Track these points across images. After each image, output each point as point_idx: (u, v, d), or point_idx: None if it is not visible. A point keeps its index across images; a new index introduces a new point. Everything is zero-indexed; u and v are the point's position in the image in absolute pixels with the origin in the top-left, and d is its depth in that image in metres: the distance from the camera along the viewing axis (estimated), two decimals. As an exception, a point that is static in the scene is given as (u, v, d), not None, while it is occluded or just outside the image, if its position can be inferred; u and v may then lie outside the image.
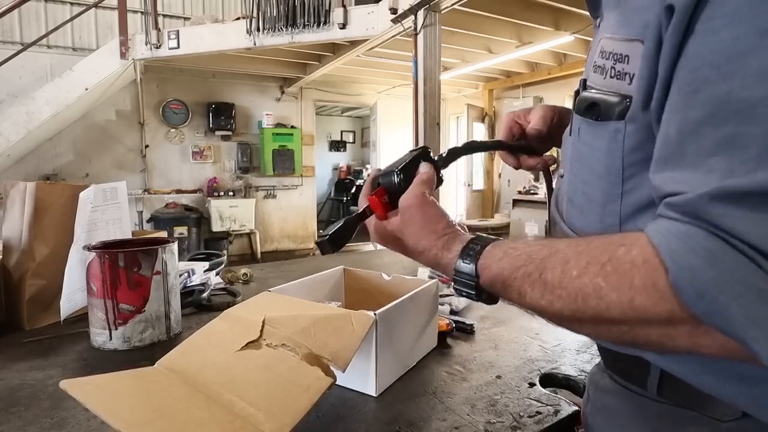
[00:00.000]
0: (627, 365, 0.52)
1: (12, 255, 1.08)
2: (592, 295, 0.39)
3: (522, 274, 0.44)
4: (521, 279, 0.44)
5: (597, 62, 0.49)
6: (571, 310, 0.41)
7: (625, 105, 0.45)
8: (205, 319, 1.02)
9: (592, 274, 0.39)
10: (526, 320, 1.11)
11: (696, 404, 0.46)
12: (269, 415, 0.55)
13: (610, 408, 0.57)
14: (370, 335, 0.72)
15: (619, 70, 0.46)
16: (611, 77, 0.47)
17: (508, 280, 0.46)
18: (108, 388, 0.59)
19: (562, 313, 0.42)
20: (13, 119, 4.59)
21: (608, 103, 0.47)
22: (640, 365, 0.49)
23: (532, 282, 0.43)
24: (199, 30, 4.82)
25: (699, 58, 0.37)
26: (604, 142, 0.48)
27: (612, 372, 0.57)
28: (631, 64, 0.44)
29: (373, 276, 1.03)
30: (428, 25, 3.61)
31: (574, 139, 0.54)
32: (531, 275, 0.44)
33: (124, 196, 1.19)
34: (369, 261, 1.90)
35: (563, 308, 0.41)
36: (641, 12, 0.42)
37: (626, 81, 0.45)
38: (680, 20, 0.37)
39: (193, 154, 6.49)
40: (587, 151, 0.51)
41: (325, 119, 10.41)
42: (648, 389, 0.49)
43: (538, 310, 0.45)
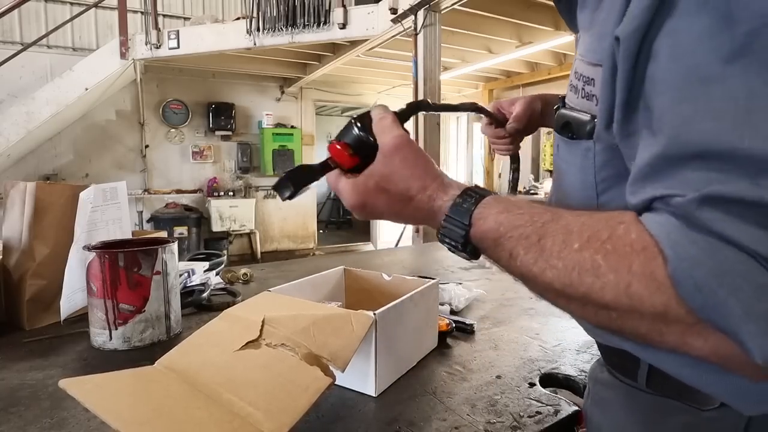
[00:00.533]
0: (621, 359, 0.53)
1: (12, 255, 1.08)
2: (589, 271, 0.37)
3: (519, 234, 0.42)
4: (517, 239, 0.42)
5: (572, 82, 0.50)
6: (562, 284, 0.39)
7: (594, 124, 0.46)
8: (205, 319, 1.02)
9: (593, 250, 0.37)
10: (526, 320, 1.11)
11: (680, 394, 0.47)
12: (268, 415, 0.55)
13: (606, 400, 0.59)
14: (370, 335, 0.72)
15: (588, 91, 0.47)
16: (582, 98, 0.48)
17: (503, 237, 0.43)
18: (107, 388, 0.59)
19: (551, 285, 0.40)
20: (13, 119, 4.60)
21: (580, 121, 0.49)
22: (631, 359, 0.50)
23: (528, 245, 0.41)
24: (199, 30, 4.82)
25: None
26: (578, 159, 0.49)
27: (608, 366, 0.58)
28: (596, 87, 0.45)
29: (373, 276, 1.03)
30: (428, 25, 3.61)
31: (555, 154, 0.56)
32: (529, 238, 0.41)
33: (124, 196, 1.19)
34: (369, 261, 1.90)
35: (554, 280, 0.39)
36: (603, 38, 0.42)
37: (594, 102, 0.46)
38: (626, 48, 0.38)
39: (193, 154, 6.49)
40: (565, 167, 0.53)
41: (325, 119, 10.40)
42: (638, 381, 0.51)
43: (526, 277, 0.42)
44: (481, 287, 1.33)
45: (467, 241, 0.46)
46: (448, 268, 1.67)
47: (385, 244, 7.57)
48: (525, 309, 1.19)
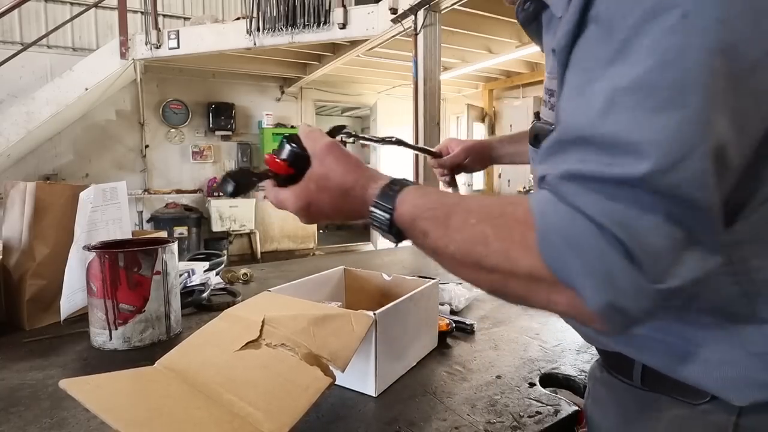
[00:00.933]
0: (617, 360, 0.57)
1: (12, 255, 1.08)
2: (480, 242, 0.43)
3: (431, 215, 0.48)
4: (429, 219, 0.48)
5: (543, 97, 0.57)
6: (461, 254, 0.45)
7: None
8: (205, 319, 1.02)
9: (485, 224, 0.44)
10: (526, 320, 1.11)
11: (672, 390, 0.50)
12: (268, 415, 0.55)
13: (604, 398, 0.62)
14: (370, 335, 0.72)
15: (552, 103, 0.52)
16: (549, 109, 0.54)
17: (418, 218, 0.49)
18: (107, 388, 0.59)
19: (453, 256, 0.46)
20: (13, 119, 4.59)
21: (545, 131, 0.53)
22: (626, 359, 0.54)
23: (437, 224, 0.47)
24: (199, 30, 4.82)
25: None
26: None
27: (605, 366, 0.62)
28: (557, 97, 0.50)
29: (373, 276, 1.03)
30: (428, 25, 3.61)
31: (532, 168, 0.60)
32: (438, 218, 0.47)
33: (124, 196, 1.19)
34: (369, 261, 1.90)
35: (456, 251, 0.45)
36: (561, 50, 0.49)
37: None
38: (559, 60, 0.45)
39: (193, 154, 6.49)
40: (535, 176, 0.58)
41: (325, 119, 10.40)
42: (634, 379, 0.54)
43: (435, 251, 0.48)
44: (481, 287, 1.33)
45: (392, 223, 0.51)
46: (448, 268, 1.67)
47: (385, 244, 7.56)
48: (525, 309, 1.19)
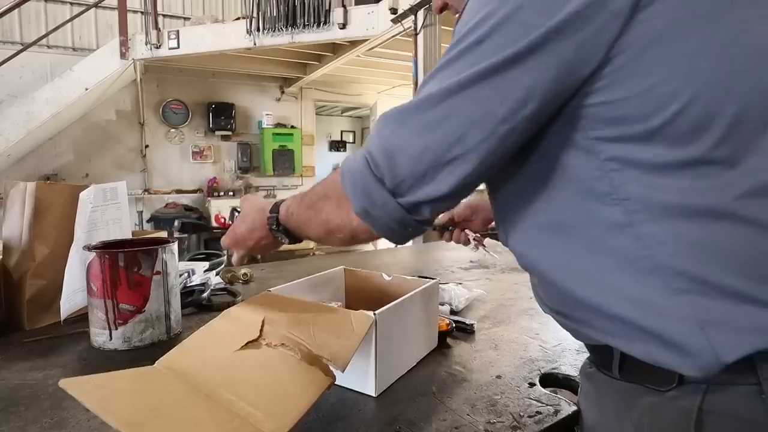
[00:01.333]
0: (598, 353, 0.61)
1: (12, 255, 1.08)
2: (321, 198, 0.65)
3: (295, 202, 0.70)
4: (295, 205, 0.70)
5: None
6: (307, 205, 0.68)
7: None
8: (205, 319, 1.01)
9: (320, 187, 0.66)
10: (526, 320, 1.11)
11: (645, 379, 0.54)
12: (268, 415, 0.55)
13: (589, 392, 0.66)
14: (370, 335, 0.72)
15: None
16: None
17: (290, 209, 0.71)
18: (107, 387, 0.59)
19: (312, 226, 0.67)
20: (13, 119, 4.59)
21: None
22: (606, 352, 0.58)
23: (299, 206, 0.69)
24: (199, 30, 4.82)
25: None
26: None
27: (591, 361, 0.66)
28: None
29: (373, 276, 1.03)
30: (428, 25, 3.61)
31: None
32: (299, 203, 0.69)
33: (124, 196, 1.19)
34: (369, 261, 1.90)
35: (312, 218, 0.66)
36: None
37: None
38: None
39: (193, 154, 6.48)
40: None
41: (325, 119, 10.40)
42: (613, 371, 0.58)
43: (302, 225, 0.69)
44: (481, 287, 1.33)
45: (278, 222, 0.73)
46: (448, 268, 1.67)
47: (385, 244, 7.56)
48: (525, 309, 1.19)
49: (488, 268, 1.66)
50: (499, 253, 1.25)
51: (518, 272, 1.59)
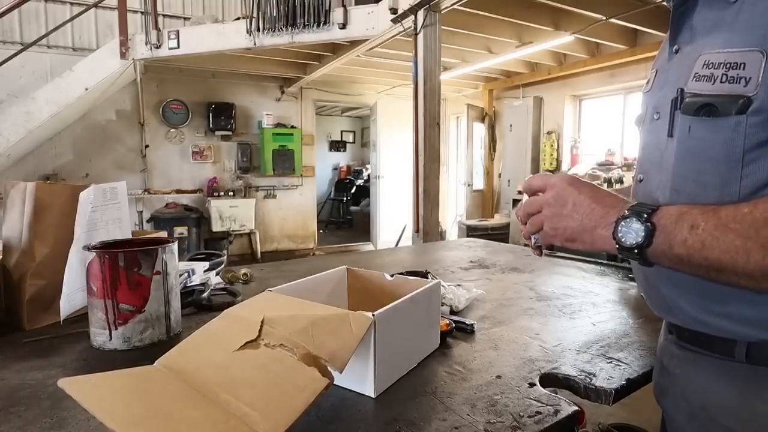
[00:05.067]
0: (708, 338, 0.64)
1: (12, 255, 1.08)
2: (763, 225, 0.50)
3: (700, 209, 0.55)
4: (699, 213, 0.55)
5: (701, 72, 0.60)
6: (744, 238, 0.50)
7: (742, 103, 0.55)
8: (205, 319, 1.01)
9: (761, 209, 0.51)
10: (526, 320, 1.11)
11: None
12: (264, 415, 0.55)
13: (690, 374, 0.68)
14: (369, 336, 0.72)
15: (732, 75, 0.56)
16: (722, 82, 0.57)
17: (686, 213, 0.56)
18: (105, 387, 0.59)
19: (733, 243, 0.51)
20: (13, 119, 4.59)
21: (724, 102, 0.57)
22: (724, 338, 0.61)
23: (708, 214, 0.54)
24: (199, 30, 4.82)
25: None
26: (724, 134, 0.57)
27: (689, 344, 0.68)
28: (748, 70, 0.55)
29: (375, 276, 1.03)
30: (428, 25, 3.61)
31: (681, 137, 0.63)
32: (707, 211, 0.54)
33: (124, 196, 1.19)
34: (369, 261, 1.90)
35: (736, 238, 0.51)
36: (754, 29, 0.55)
37: (741, 84, 0.56)
38: None
39: (193, 154, 6.49)
40: (701, 145, 0.61)
41: (325, 119, 10.41)
42: (736, 357, 0.61)
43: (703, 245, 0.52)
44: (481, 287, 1.33)
45: (649, 218, 0.56)
46: (448, 268, 1.67)
47: (385, 244, 7.57)
48: (525, 309, 1.19)
49: (488, 268, 1.66)
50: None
51: (518, 272, 1.59)
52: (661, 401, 0.75)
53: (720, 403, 0.64)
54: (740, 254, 0.50)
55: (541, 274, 1.57)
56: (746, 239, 0.50)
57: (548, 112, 6.43)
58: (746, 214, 0.51)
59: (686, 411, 0.69)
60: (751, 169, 0.56)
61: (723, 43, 0.59)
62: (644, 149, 0.73)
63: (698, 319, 0.65)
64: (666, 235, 0.55)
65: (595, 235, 0.61)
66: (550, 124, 6.39)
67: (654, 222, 0.56)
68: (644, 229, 0.56)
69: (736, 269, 0.51)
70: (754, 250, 0.49)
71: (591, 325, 1.07)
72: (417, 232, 3.83)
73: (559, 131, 6.27)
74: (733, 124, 0.56)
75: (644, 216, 0.56)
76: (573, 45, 5.06)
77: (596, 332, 1.03)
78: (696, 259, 0.53)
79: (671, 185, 0.65)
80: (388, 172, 7.84)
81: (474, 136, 7.30)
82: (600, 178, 5.28)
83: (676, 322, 0.70)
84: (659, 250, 0.56)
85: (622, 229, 0.57)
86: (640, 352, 0.92)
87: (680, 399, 0.70)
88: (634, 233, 0.56)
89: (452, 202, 8.21)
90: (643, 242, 0.56)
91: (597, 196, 0.63)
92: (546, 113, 6.46)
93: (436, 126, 3.76)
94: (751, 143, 0.56)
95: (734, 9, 0.58)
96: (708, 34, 0.62)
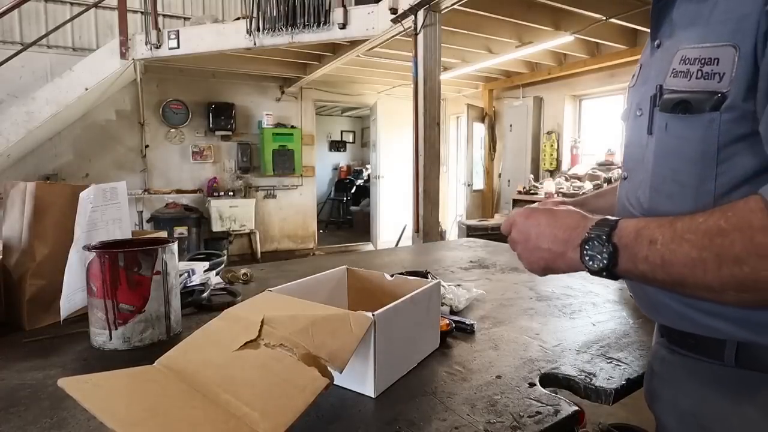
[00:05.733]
0: (698, 340, 0.63)
1: (12, 255, 1.08)
2: (717, 233, 0.48)
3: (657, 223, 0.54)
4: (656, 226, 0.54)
5: (678, 68, 0.59)
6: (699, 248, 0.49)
7: (716, 99, 0.54)
8: (205, 319, 1.01)
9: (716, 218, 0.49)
10: (526, 320, 1.11)
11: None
12: (264, 415, 0.55)
13: (680, 379, 0.67)
14: (369, 336, 0.72)
15: (707, 71, 0.55)
16: (697, 78, 0.56)
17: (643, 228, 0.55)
18: (104, 387, 0.59)
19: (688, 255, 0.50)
20: (13, 119, 4.59)
21: (699, 99, 0.56)
22: (713, 340, 0.60)
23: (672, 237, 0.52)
24: (199, 30, 4.82)
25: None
26: (699, 131, 0.57)
27: (679, 347, 0.67)
28: (722, 65, 0.54)
29: (375, 276, 1.03)
30: (428, 25, 3.61)
31: (658, 135, 0.63)
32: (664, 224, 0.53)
33: (124, 196, 1.19)
34: (369, 261, 1.90)
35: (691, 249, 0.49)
36: (728, 23, 0.54)
37: (715, 80, 0.54)
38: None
39: (193, 154, 6.49)
40: (677, 142, 0.60)
41: (325, 119, 10.41)
42: (725, 360, 0.59)
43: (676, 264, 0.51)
44: (481, 287, 1.33)
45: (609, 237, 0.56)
46: (448, 268, 1.67)
47: (385, 244, 7.57)
48: (525, 309, 1.19)
49: (488, 268, 1.66)
50: None
51: (518, 272, 1.59)
52: (652, 406, 0.74)
53: (710, 409, 0.63)
54: (698, 266, 0.49)
55: (541, 274, 1.57)
56: (701, 249, 0.49)
57: (548, 112, 6.43)
58: (700, 223, 0.49)
59: (677, 417, 0.68)
60: (726, 166, 0.55)
61: (698, 38, 0.57)
62: (628, 147, 0.73)
63: (684, 315, 0.63)
64: (628, 253, 0.54)
65: (567, 259, 0.61)
66: (550, 124, 6.39)
67: (615, 242, 0.55)
68: (607, 252, 0.55)
69: (696, 282, 0.50)
70: (709, 261, 0.48)
71: (591, 325, 1.07)
72: (417, 232, 3.83)
73: (559, 131, 6.27)
74: (707, 121, 0.55)
75: (603, 238, 0.56)
76: (573, 45, 5.06)
77: (596, 332, 1.03)
78: (659, 275, 0.52)
79: (650, 184, 0.64)
80: (388, 172, 7.84)
81: (474, 136, 7.29)
82: (600, 177, 5.28)
83: (663, 321, 0.69)
84: (624, 269, 0.55)
85: (587, 252, 0.57)
86: (640, 352, 0.92)
87: (671, 405, 0.69)
88: (599, 256, 0.56)
89: (452, 202, 8.21)
90: (608, 265, 0.55)
91: (556, 222, 0.63)
92: (546, 113, 6.45)
93: (436, 126, 3.76)
94: (725, 140, 0.55)
95: (711, 2, 0.57)
96: (686, 28, 0.61)
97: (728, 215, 0.48)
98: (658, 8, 0.67)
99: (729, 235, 0.47)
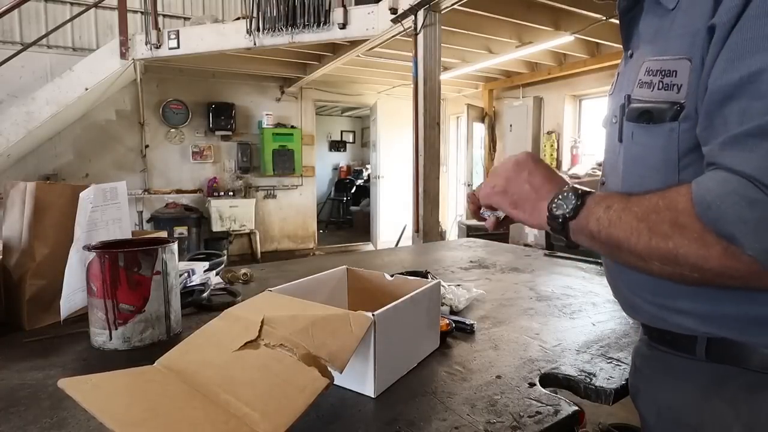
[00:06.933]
0: (674, 337, 0.65)
1: (12, 255, 1.08)
2: (653, 210, 0.53)
3: (616, 199, 0.59)
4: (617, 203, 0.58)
5: (643, 79, 0.62)
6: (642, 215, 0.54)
7: (675, 109, 0.58)
8: (205, 319, 1.01)
9: (659, 201, 0.53)
10: (526, 320, 1.11)
11: (740, 361, 0.58)
12: (264, 416, 0.55)
13: (658, 374, 0.69)
14: (369, 336, 0.72)
15: (667, 82, 0.58)
16: (659, 89, 0.59)
17: (605, 201, 0.59)
18: (104, 387, 0.59)
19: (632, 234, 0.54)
20: (13, 119, 4.59)
21: (660, 109, 0.59)
22: (686, 336, 0.63)
23: (623, 208, 0.56)
24: (199, 30, 4.82)
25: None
26: (661, 140, 0.60)
27: (658, 344, 0.69)
28: (679, 77, 0.57)
29: (375, 276, 1.03)
30: (428, 25, 3.61)
31: (626, 144, 0.66)
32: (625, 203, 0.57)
33: (124, 196, 1.19)
34: (369, 261, 1.90)
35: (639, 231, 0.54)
36: (684, 37, 0.57)
37: (674, 91, 0.58)
38: (721, 34, 0.51)
39: (193, 154, 6.49)
40: (643, 151, 0.63)
41: (325, 119, 10.41)
42: (697, 354, 0.62)
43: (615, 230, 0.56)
44: (481, 287, 1.33)
45: (576, 206, 0.60)
46: (448, 268, 1.67)
47: (385, 244, 7.57)
48: (525, 309, 1.19)
49: (488, 268, 1.66)
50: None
51: (518, 272, 1.59)
52: (635, 402, 0.76)
53: (683, 401, 0.65)
54: (633, 234, 0.54)
55: (541, 274, 1.57)
56: (639, 221, 0.53)
57: (548, 112, 6.43)
58: (645, 199, 0.54)
59: (656, 411, 0.70)
60: (687, 174, 0.57)
61: (660, 51, 0.60)
62: (606, 153, 0.76)
63: (657, 315, 0.66)
64: (588, 211, 0.59)
65: (536, 206, 0.65)
66: (550, 124, 6.39)
67: (585, 201, 0.60)
68: (574, 204, 0.60)
69: (630, 248, 0.55)
70: (643, 231, 0.53)
71: (591, 325, 1.07)
72: (417, 232, 3.83)
73: (559, 131, 6.27)
74: (668, 131, 0.58)
75: (579, 193, 0.60)
76: (573, 45, 5.05)
77: (596, 332, 1.03)
78: (602, 236, 0.57)
79: (621, 189, 0.67)
80: (388, 172, 7.84)
81: (474, 136, 7.29)
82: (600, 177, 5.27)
83: (641, 320, 0.72)
84: (579, 225, 0.59)
85: (557, 201, 0.62)
86: (640, 352, 0.92)
87: (651, 399, 0.71)
88: (565, 205, 0.61)
89: (452, 202, 8.21)
90: (568, 213, 0.60)
91: (551, 175, 0.68)
92: (546, 113, 6.45)
93: (436, 126, 3.76)
94: (684, 149, 0.58)
95: (671, 16, 0.60)
96: (650, 41, 0.64)
97: (665, 195, 0.53)
98: (626, 20, 0.71)
99: (661, 213, 0.52)
